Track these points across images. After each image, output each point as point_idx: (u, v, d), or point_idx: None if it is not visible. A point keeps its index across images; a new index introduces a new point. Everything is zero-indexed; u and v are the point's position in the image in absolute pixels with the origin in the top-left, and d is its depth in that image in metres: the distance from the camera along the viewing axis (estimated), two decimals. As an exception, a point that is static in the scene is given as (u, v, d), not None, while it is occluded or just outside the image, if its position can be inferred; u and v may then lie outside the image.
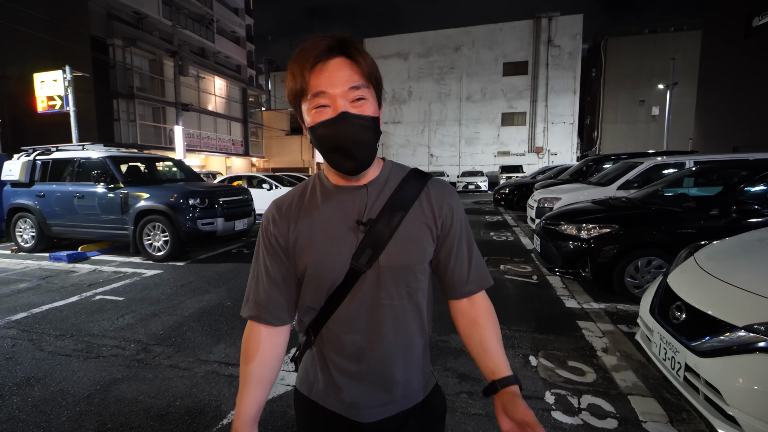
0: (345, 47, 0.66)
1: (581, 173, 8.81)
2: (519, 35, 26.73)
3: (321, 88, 0.65)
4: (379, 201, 0.73)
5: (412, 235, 0.72)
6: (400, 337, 0.74)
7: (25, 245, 6.35)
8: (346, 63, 0.66)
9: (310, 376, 0.80)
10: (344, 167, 0.69)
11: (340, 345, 0.74)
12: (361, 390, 0.74)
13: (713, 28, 14.06)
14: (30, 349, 2.83)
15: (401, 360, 0.75)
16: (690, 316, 1.78)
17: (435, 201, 0.75)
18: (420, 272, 0.75)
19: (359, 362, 0.74)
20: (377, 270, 0.71)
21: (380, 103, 0.71)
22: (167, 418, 2.01)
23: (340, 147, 0.67)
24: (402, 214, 0.72)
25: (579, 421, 1.93)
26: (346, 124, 0.65)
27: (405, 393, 0.77)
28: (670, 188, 4.71)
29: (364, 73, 0.67)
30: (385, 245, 0.70)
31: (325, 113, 0.66)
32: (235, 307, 3.64)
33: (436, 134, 28.94)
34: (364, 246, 0.70)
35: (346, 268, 0.70)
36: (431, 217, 0.75)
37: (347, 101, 0.65)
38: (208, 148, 23.04)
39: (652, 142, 27.52)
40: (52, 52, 15.00)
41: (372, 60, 0.69)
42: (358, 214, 0.72)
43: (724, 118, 13.02)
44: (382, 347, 0.73)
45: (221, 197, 5.90)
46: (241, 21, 30.39)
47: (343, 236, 0.71)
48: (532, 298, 3.79)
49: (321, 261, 0.71)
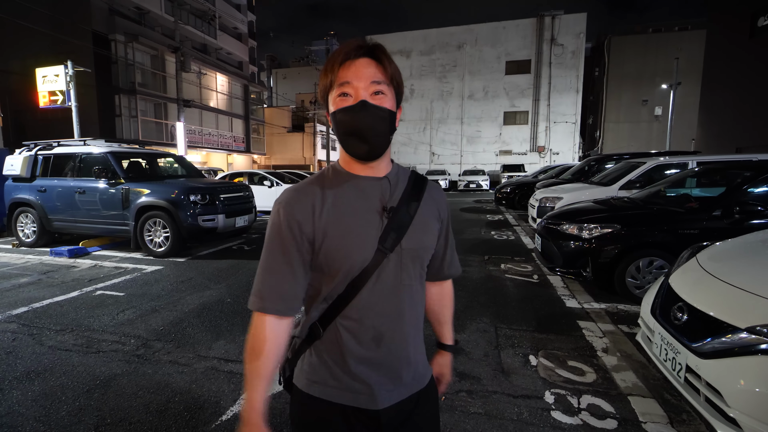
0: (373, 50, 0.74)
1: (583, 173, 8.78)
2: (522, 33, 26.59)
3: (347, 79, 0.72)
4: (397, 191, 0.80)
5: (426, 221, 0.82)
6: (413, 317, 0.82)
7: (27, 240, 6.36)
8: (372, 63, 0.73)
9: (320, 375, 0.78)
10: (358, 151, 0.75)
11: (359, 332, 0.77)
12: (378, 377, 0.78)
13: (718, 28, 13.98)
14: (30, 344, 2.84)
15: (413, 340, 0.82)
16: (692, 317, 1.77)
17: (437, 199, 0.87)
18: (428, 257, 0.85)
19: (379, 347, 0.77)
20: (399, 253, 0.77)
21: (399, 104, 0.78)
22: (166, 414, 2.01)
23: (356, 132, 0.73)
24: (417, 204, 0.81)
25: (578, 421, 1.93)
26: (364, 112, 0.72)
27: (415, 375, 0.83)
28: (673, 189, 4.69)
29: (387, 74, 0.74)
30: (407, 229, 0.78)
31: (346, 101, 0.73)
32: (235, 304, 3.64)
33: (438, 132, 28.87)
34: (389, 230, 0.76)
35: (373, 250, 0.75)
36: (437, 211, 0.87)
37: (368, 93, 0.72)
38: (210, 144, 23.04)
39: (654, 142, 27.43)
40: (54, 47, 14.99)
41: (396, 67, 0.76)
42: (380, 201, 0.78)
43: (727, 118, 12.96)
44: (401, 327, 0.79)
45: (222, 194, 5.90)
46: (244, 17, 30.32)
47: (370, 221, 0.76)
48: (532, 297, 3.78)
49: (351, 244, 0.74)
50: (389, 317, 0.77)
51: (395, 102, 0.76)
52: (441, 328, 1.02)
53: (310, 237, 0.74)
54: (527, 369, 2.43)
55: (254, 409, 0.76)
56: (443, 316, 1.01)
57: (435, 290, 0.99)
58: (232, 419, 1.97)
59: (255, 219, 6.79)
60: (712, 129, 14.02)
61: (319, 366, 0.78)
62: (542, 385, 2.24)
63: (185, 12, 22.49)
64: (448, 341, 1.02)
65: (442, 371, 1.01)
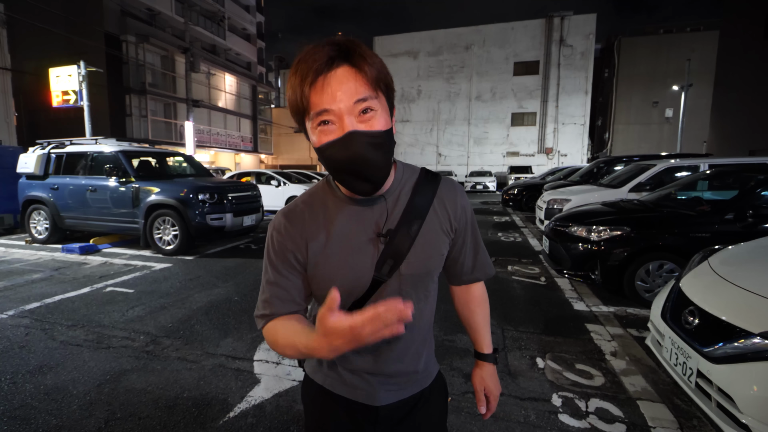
0: (348, 54, 0.60)
1: (592, 175, 8.69)
2: (531, 34, 26.43)
3: (324, 106, 0.60)
4: (396, 210, 0.72)
5: (430, 242, 0.74)
6: (416, 335, 0.78)
7: (39, 237, 6.47)
8: (350, 73, 0.60)
9: (324, 366, 0.80)
10: (358, 189, 0.65)
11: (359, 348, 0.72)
12: (377, 379, 0.76)
13: (731, 29, 13.76)
14: (43, 339, 2.89)
15: (414, 353, 0.79)
16: (703, 322, 1.75)
17: (449, 205, 0.76)
18: (437, 276, 0.79)
19: (376, 361, 0.75)
20: (398, 278, 0.72)
21: (392, 108, 0.67)
22: (175, 410, 2.04)
23: (351, 169, 0.63)
24: (420, 222, 0.72)
25: (586, 424, 1.91)
26: (355, 144, 0.60)
27: (416, 378, 0.80)
28: (684, 191, 4.62)
29: (371, 81, 0.61)
30: (406, 255, 0.70)
31: (331, 132, 0.61)
32: (243, 302, 3.67)
33: (445, 133, 28.80)
34: (385, 257, 0.70)
35: (369, 278, 0.70)
36: (447, 221, 0.77)
37: (354, 116, 0.60)
38: (218, 144, 23.25)
39: (665, 145, 27.07)
40: (67, 48, 15.26)
41: (380, 63, 0.63)
42: (376, 225, 0.71)
43: (740, 120, 12.74)
44: (398, 346, 0.76)
45: (230, 193, 5.95)
46: (252, 18, 30.56)
47: (364, 248, 0.70)
48: (540, 299, 3.75)
49: (342, 275, 0.70)
50: (386, 339, 0.73)
51: (388, 110, 0.65)
52: (475, 336, 0.91)
53: (302, 263, 0.72)
54: (534, 371, 2.41)
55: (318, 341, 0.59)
56: (475, 322, 0.90)
57: (461, 294, 0.90)
58: (240, 416, 1.98)
59: (262, 218, 6.84)
60: (725, 131, 13.79)
61: (324, 360, 0.79)
62: (549, 388, 2.22)
63: (195, 13, 22.73)
64: (484, 350, 0.90)
65: (485, 385, 0.89)
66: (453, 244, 0.80)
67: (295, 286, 0.72)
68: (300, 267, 0.72)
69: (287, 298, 0.72)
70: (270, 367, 2.47)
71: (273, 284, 0.72)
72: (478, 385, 0.90)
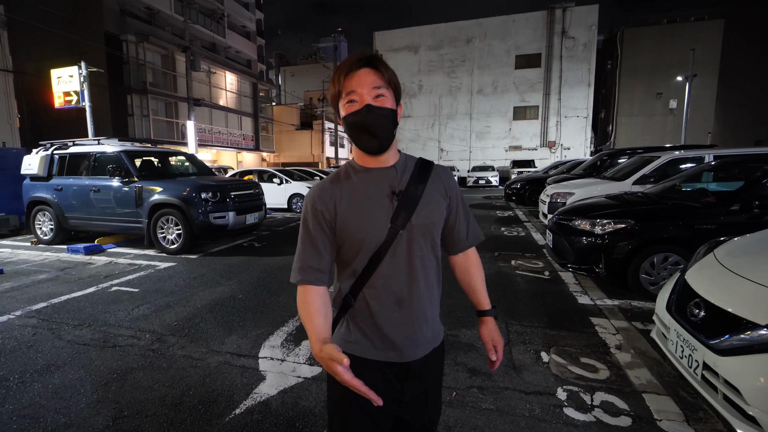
0: (371, 61, 0.90)
1: (595, 168, 8.63)
2: (532, 27, 26.16)
3: (352, 87, 0.88)
4: (404, 177, 0.95)
5: (433, 199, 0.96)
6: (427, 283, 0.96)
7: (44, 237, 6.52)
8: (371, 71, 0.89)
9: (355, 336, 0.95)
10: (370, 146, 0.91)
11: (382, 297, 0.93)
12: (404, 334, 0.94)
13: (736, 18, 13.56)
14: (50, 338, 2.91)
15: (429, 301, 0.97)
16: (709, 314, 1.74)
17: (443, 178, 1.01)
18: (438, 231, 0.98)
19: (401, 308, 0.93)
20: (410, 229, 0.92)
21: (398, 103, 0.94)
22: (181, 407, 2.05)
23: (365, 130, 0.89)
24: (423, 186, 0.95)
25: (592, 418, 1.91)
26: (370, 113, 0.88)
27: (434, 332, 0.99)
28: (689, 183, 4.58)
29: (385, 79, 0.90)
30: (415, 208, 0.92)
31: (354, 106, 0.89)
32: (247, 300, 3.68)
33: (447, 128, 28.66)
34: (399, 211, 0.91)
35: (386, 229, 0.90)
36: (443, 189, 1.00)
37: (371, 97, 0.88)
38: (220, 142, 23.27)
39: (669, 136, 26.83)
40: (68, 49, 15.28)
41: (393, 72, 0.92)
42: (390, 187, 0.93)
43: (745, 110, 12.59)
44: (417, 291, 0.94)
45: (233, 191, 5.96)
46: (252, 15, 30.46)
47: (381, 204, 0.92)
48: (544, 293, 3.74)
49: (366, 225, 0.90)
50: (406, 283, 0.93)
51: (395, 101, 0.92)
52: (476, 296, 1.09)
53: (331, 223, 0.92)
54: (539, 365, 2.41)
55: (319, 337, 0.85)
56: (474, 283, 1.08)
57: (460, 261, 1.09)
58: (245, 413, 1.99)
59: (265, 216, 6.85)
60: (730, 122, 13.64)
61: (354, 329, 0.96)
62: (554, 382, 2.22)
63: (194, 11, 22.70)
64: (485, 306, 1.08)
65: (491, 336, 1.05)
66: (449, 211, 1.01)
67: (322, 242, 0.92)
68: (327, 226, 0.92)
69: (311, 265, 0.91)
70: (275, 363, 2.48)
71: (305, 241, 0.93)
72: (486, 338, 1.06)
